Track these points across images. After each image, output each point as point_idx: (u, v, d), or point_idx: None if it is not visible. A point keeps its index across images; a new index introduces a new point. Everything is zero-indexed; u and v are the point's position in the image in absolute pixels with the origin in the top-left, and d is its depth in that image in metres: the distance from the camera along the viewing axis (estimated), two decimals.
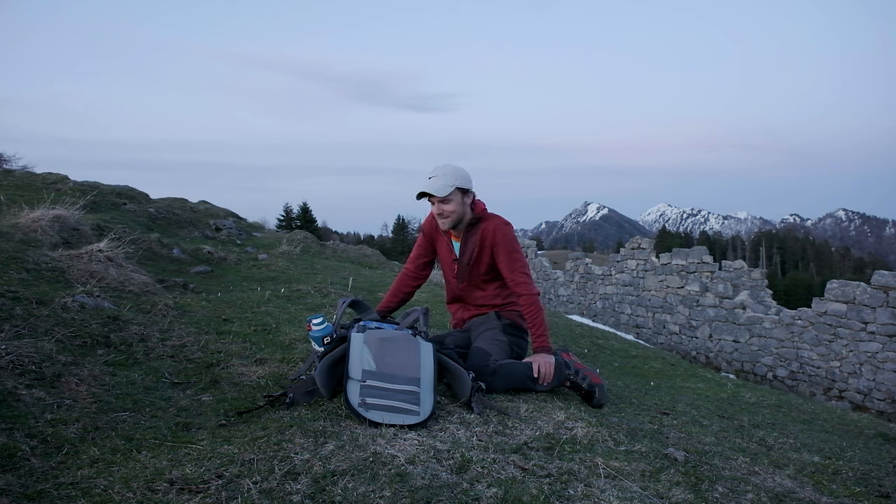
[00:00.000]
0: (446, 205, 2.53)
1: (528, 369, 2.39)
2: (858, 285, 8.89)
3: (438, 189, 2.49)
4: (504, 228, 2.58)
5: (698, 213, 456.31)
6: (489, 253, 2.59)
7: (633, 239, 13.97)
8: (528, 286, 2.54)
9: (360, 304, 2.65)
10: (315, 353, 2.26)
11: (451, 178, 2.51)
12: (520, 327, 2.68)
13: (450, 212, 2.54)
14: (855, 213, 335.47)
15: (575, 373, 2.48)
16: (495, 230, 2.57)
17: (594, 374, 2.50)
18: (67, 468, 1.44)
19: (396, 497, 1.34)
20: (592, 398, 2.46)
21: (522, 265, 2.57)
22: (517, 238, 2.66)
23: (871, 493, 1.79)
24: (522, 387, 2.39)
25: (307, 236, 9.99)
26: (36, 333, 2.24)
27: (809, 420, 3.32)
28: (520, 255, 2.58)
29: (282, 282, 5.33)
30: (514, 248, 2.57)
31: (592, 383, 2.46)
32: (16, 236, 4.03)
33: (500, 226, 2.58)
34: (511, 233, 2.60)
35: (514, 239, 2.60)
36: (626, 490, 1.49)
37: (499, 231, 2.57)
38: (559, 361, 2.48)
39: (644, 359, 5.73)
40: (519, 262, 2.57)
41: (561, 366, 2.47)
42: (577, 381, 2.47)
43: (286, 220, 40.42)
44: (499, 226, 2.58)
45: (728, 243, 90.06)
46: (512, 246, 2.57)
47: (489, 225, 2.59)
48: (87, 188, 8.14)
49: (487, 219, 2.61)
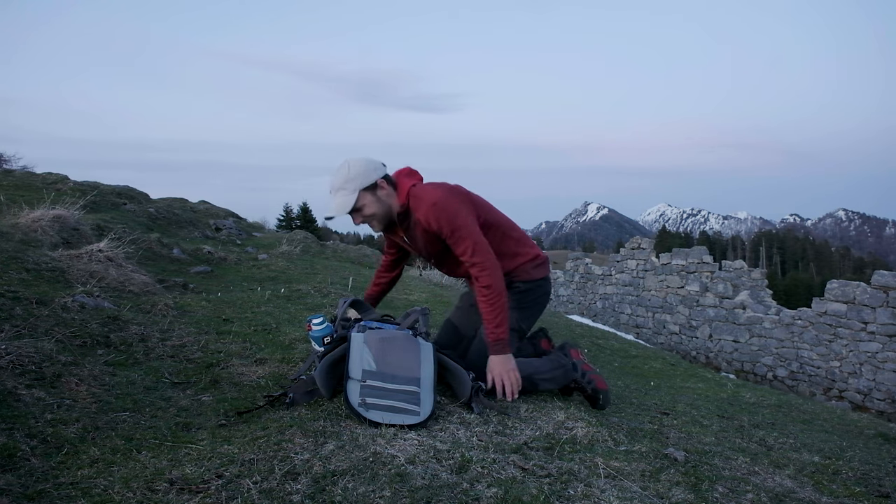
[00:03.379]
0: (364, 213, 2.20)
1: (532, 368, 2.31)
2: (858, 285, 8.90)
3: (341, 207, 2.14)
4: (435, 211, 2.13)
5: (698, 213, 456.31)
6: (442, 241, 2.21)
7: (633, 239, 13.97)
8: (480, 268, 2.12)
9: (361, 304, 2.65)
10: (315, 353, 2.26)
11: (351, 184, 2.14)
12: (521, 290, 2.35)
13: (370, 216, 2.21)
14: (855, 213, 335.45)
15: (582, 375, 2.40)
16: (428, 220, 2.15)
17: (600, 379, 2.41)
18: (67, 468, 1.44)
19: (396, 497, 1.34)
20: (596, 403, 2.41)
21: (469, 245, 2.13)
22: (456, 205, 2.16)
23: (871, 493, 1.79)
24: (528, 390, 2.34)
25: (307, 236, 9.99)
26: (36, 333, 2.24)
27: (809, 420, 3.32)
28: (464, 233, 2.13)
29: (282, 282, 5.33)
30: (454, 228, 2.13)
31: (597, 388, 2.38)
32: (16, 236, 4.03)
33: (431, 209, 2.13)
34: (445, 211, 2.12)
35: (453, 214, 2.13)
36: (626, 490, 1.49)
37: (432, 217, 2.14)
38: (565, 363, 2.41)
39: (644, 359, 5.73)
40: (463, 241, 2.13)
41: (568, 367, 2.42)
42: (582, 384, 2.41)
43: (286, 220, 40.42)
44: (429, 211, 2.14)
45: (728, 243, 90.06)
46: (452, 226, 2.12)
47: (420, 216, 2.18)
48: (87, 188, 8.14)
49: (417, 208, 2.19)
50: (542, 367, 2.39)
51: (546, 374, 2.37)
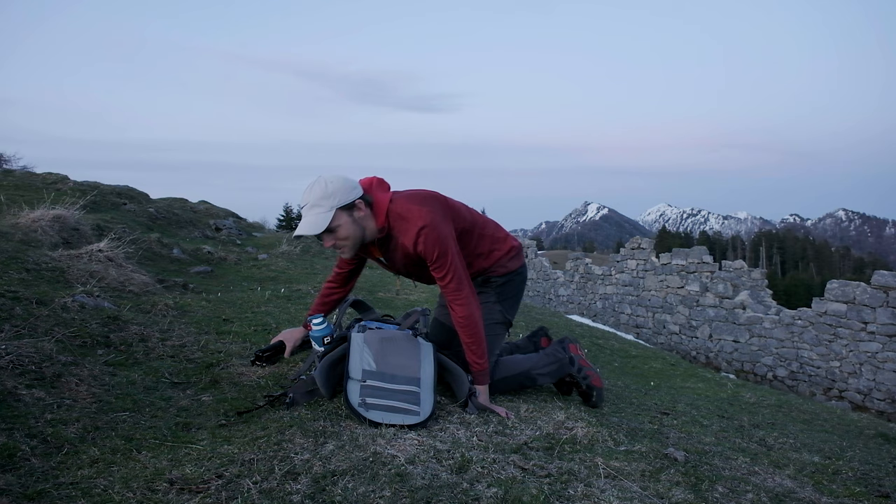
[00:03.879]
0: (337, 234, 2.02)
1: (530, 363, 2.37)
2: (858, 285, 8.90)
3: (314, 225, 1.96)
4: (423, 235, 2.02)
5: (698, 213, 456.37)
6: (423, 261, 2.11)
7: (633, 239, 13.97)
8: (458, 300, 2.07)
9: (362, 303, 2.65)
10: (315, 353, 2.26)
11: (328, 202, 1.96)
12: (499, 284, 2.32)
13: (344, 239, 2.04)
14: (855, 213, 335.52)
15: (578, 370, 2.47)
16: (416, 243, 2.04)
17: (596, 376, 2.48)
18: (67, 468, 1.44)
19: (396, 497, 1.34)
20: (589, 399, 2.47)
21: (451, 276, 2.06)
22: (442, 229, 2.05)
23: (871, 493, 1.79)
24: (522, 387, 2.39)
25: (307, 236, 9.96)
26: (36, 333, 2.24)
27: (809, 420, 3.32)
28: (447, 261, 2.04)
29: (282, 282, 5.33)
30: (440, 254, 2.03)
31: (592, 385, 2.45)
32: (16, 236, 4.03)
33: (419, 234, 2.02)
34: (433, 236, 2.02)
35: (440, 241, 2.02)
36: (626, 490, 1.49)
37: (420, 241, 2.03)
38: (562, 357, 2.46)
39: (644, 359, 5.73)
40: (445, 269, 2.05)
41: (565, 362, 2.46)
42: (577, 379, 2.47)
43: (286, 220, 40.43)
44: (417, 235, 2.02)
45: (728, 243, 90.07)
46: (438, 252, 2.03)
47: (406, 240, 2.06)
48: (87, 188, 8.14)
49: (402, 231, 2.06)
50: (539, 361, 2.45)
51: (543, 368, 2.43)
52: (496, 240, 2.37)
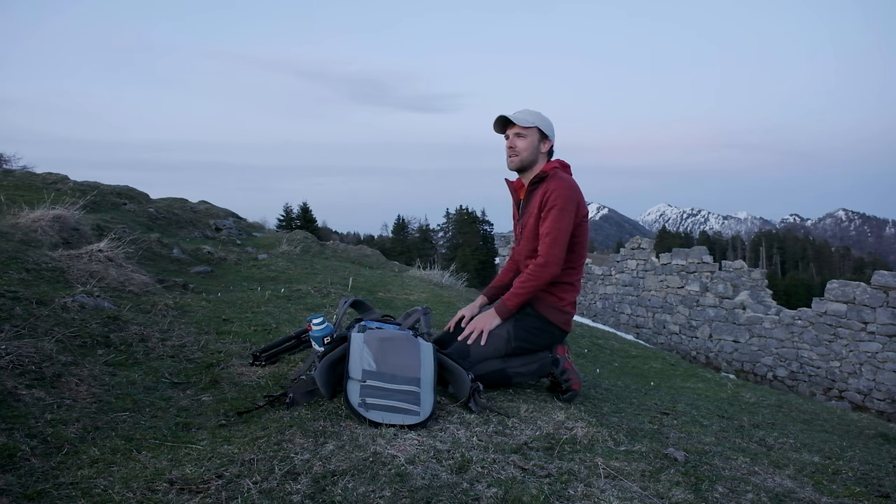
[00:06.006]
0: (519, 140, 2.41)
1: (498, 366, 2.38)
2: (858, 285, 8.90)
3: (520, 117, 2.39)
4: (562, 187, 2.33)
5: (698, 213, 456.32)
6: (538, 218, 2.40)
7: (633, 239, 13.98)
8: (544, 255, 2.31)
9: (362, 303, 2.65)
10: (315, 353, 2.26)
11: (534, 117, 2.41)
12: (542, 317, 2.44)
13: (521, 149, 2.41)
14: (855, 213, 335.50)
15: (561, 372, 2.45)
16: (554, 191, 2.33)
17: (577, 381, 2.45)
18: (67, 468, 1.44)
19: (396, 497, 1.34)
20: (562, 395, 2.46)
21: (553, 230, 2.31)
22: (575, 203, 2.35)
23: (871, 493, 1.78)
24: (502, 383, 2.40)
25: (307, 236, 9.98)
26: (36, 333, 2.24)
27: (809, 420, 3.32)
28: (559, 218, 2.31)
29: (282, 282, 5.33)
30: (559, 209, 2.31)
31: (571, 389, 2.43)
32: (16, 236, 4.03)
33: (560, 187, 2.33)
34: (567, 195, 2.32)
35: (566, 204, 2.31)
36: (626, 490, 1.49)
37: (554, 193, 2.32)
38: (543, 357, 2.45)
39: (644, 359, 5.73)
40: (553, 223, 2.31)
41: (547, 363, 2.46)
42: (559, 380, 2.46)
43: (286, 220, 40.44)
44: (559, 187, 2.33)
45: (728, 243, 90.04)
46: (559, 206, 2.31)
47: (551, 185, 2.35)
48: (87, 188, 8.14)
49: (553, 178, 2.38)
50: (516, 359, 2.44)
51: (519, 367, 2.42)
52: (573, 287, 2.52)
